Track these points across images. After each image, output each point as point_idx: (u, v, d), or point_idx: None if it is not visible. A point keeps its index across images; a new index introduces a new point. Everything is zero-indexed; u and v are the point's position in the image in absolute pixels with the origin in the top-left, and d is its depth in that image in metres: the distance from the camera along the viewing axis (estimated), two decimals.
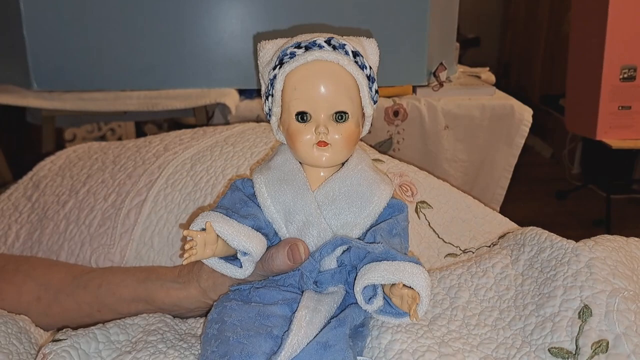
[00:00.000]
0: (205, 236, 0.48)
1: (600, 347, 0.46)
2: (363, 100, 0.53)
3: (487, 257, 0.64)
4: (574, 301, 0.51)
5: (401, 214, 0.54)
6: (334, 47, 0.51)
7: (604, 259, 0.54)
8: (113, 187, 0.81)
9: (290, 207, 0.53)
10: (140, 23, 1.18)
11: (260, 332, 0.46)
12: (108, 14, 1.17)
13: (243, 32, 1.21)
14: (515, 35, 3.98)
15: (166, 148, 0.85)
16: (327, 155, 0.52)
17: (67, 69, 1.19)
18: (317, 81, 0.51)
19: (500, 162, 1.28)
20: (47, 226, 0.80)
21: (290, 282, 0.52)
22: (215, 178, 0.77)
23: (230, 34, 1.21)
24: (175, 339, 0.56)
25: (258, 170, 0.56)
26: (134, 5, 1.17)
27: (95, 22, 1.18)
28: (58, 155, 0.94)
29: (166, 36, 1.20)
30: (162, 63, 1.21)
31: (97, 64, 1.20)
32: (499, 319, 0.55)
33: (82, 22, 1.17)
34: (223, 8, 1.20)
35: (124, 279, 0.65)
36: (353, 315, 0.50)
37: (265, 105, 0.55)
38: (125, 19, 1.17)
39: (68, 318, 0.66)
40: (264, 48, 0.56)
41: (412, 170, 0.81)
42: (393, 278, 0.47)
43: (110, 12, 1.17)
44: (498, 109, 1.25)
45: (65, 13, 1.16)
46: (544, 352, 0.48)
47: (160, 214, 0.76)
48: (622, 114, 2.08)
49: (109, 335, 0.55)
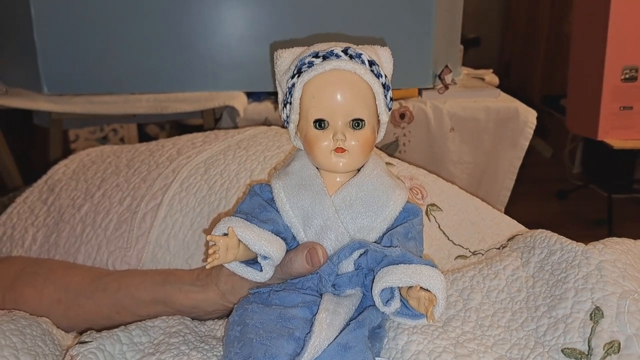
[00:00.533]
0: (228, 241, 0.50)
1: (612, 348, 0.48)
2: (379, 108, 0.54)
3: (497, 259, 0.65)
4: (585, 303, 0.52)
5: (416, 218, 0.56)
6: (351, 57, 0.53)
7: (614, 262, 0.56)
8: (128, 191, 0.82)
9: (309, 212, 0.54)
10: (149, 27, 1.19)
11: (282, 334, 0.48)
12: (117, 17, 1.19)
13: (251, 36, 1.22)
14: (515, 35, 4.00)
15: (179, 152, 0.87)
16: (345, 161, 0.53)
17: (77, 73, 1.21)
18: (335, 90, 0.52)
19: (504, 164, 1.29)
20: (64, 229, 0.81)
21: (309, 285, 0.54)
22: (229, 182, 0.78)
23: (238, 38, 1.23)
24: (197, 341, 0.57)
25: (276, 175, 0.57)
26: (142, 9, 1.18)
27: (104, 25, 1.19)
28: (71, 159, 0.95)
29: (175, 39, 1.21)
30: (170, 66, 1.23)
31: (106, 67, 1.21)
32: (511, 320, 0.56)
33: (92, 26, 1.19)
34: (231, 12, 1.22)
35: (142, 281, 0.66)
36: (371, 317, 0.51)
37: (283, 113, 0.57)
38: (134, 22, 1.19)
39: (87, 320, 0.67)
40: (281, 57, 0.57)
41: (421, 174, 0.83)
42: (410, 281, 0.48)
43: (119, 16, 1.19)
44: (503, 111, 1.26)
45: (75, 17, 1.18)
46: (557, 353, 0.50)
47: (176, 217, 0.77)
48: (623, 114, 2.10)
49: (132, 337, 0.57)
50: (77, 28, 1.18)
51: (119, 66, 1.22)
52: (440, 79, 1.28)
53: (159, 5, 1.18)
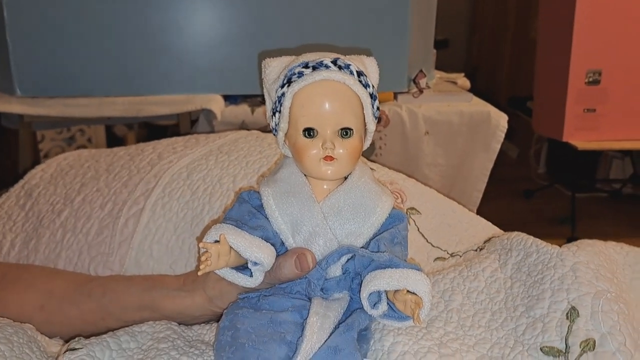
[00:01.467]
0: (219, 248, 0.51)
1: (588, 346, 0.51)
2: (366, 117, 0.56)
3: (476, 261, 0.68)
4: (561, 303, 0.55)
5: (401, 224, 0.57)
6: (340, 67, 0.54)
7: (587, 263, 0.59)
8: (109, 196, 0.82)
9: (297, 219, 0.55)
10: (124, 29, 1.18)
11: (274, 338, 0.49)
12: (92, 19, 1.18)
13: (228, 38, 1.22)
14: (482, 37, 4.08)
15: (160, 157, 0.87)
16: (333, 169, 0.55)
17: (50, 75, 1.19)
18: (324, 99, 0.53)
19: (477, 166, 1.33)
20: (44, 235, 0.81)
21: (298, 290, 0.55)
22: (212, 187, 0.79)
23: (214, 40, 1.23)
24: (186, 346, 0.58)
25: (265, 183, 0.58)
26: (118, 11, 1.18)
27: (79, 27, 1.18)
28: (48, 164, 0.94)
29: (151, 41, 1.21)
30: (146, 68, 1.22)
31: (81, 69, 1.20)
32: (491, 320, 0.59)
33: (66, 28, 1.17)
34: (207, 14, 1.22)
35: (128, 287, 0.66)
36: (359, 319, 0.53)
37: (272, 121, 0.58)
38: (110, 24, 1.18)
39: (72, 326, 0.67)
40: (269, 66, 0.59)
41: (401, 178, 0.85)
42: (398, 284, 0.50)
43: (94, 18, 1.18)
44: (475, 115, 1.30)
45: (49, 18, 1.16)
46: (536, 351, 0.52)
47: (159, 222, 0.77)
48: (587, 116, 2.17)
49: (120, 343, 0.57)
50: (51, 29, 1.17)
51: (94, 68, 1.21)
52: (415, 83, 1.30)
53: (135, 7, 1.18)
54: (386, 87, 1.27)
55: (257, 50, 1.11)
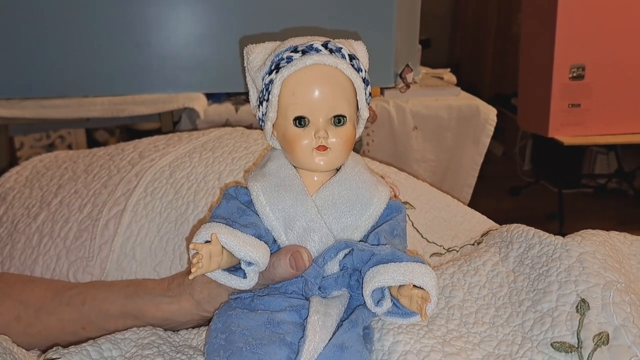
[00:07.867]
0: (211, 248, 0.47)
1: (602, 340, 0.48)
2: (360, 103, 0.53)
3: (476, 255, 0.65)
4: (570, 295, 0.52)
5: (400, 215, 0.54)
6: (331, 51, 0.51)
7: (594, 253, 0.56)
8: (88, 198, 0.78)
9: (290, 214, 0.52)
10: (103, 26, 1.14)
11: (273, 340, 0.45)
12: (68, 16, 1.13)
13: (210, 35, 1.19)
14: (464, 36, 4.08)
15: (141, 155, 0.83)
16: (327, 159, 0.52)
17: (25, 75, 1.14)
18: (316, 85, 0.50)
19: (467, 161, 1.31)
20: (19, 240, 0.76)
21: (294, 289, 0.52)
22: (196, 185, 0.75)
23: (196, 37, 1.19)
24: (172, 352, 0.54)
25: (252, 177, 0.54)
26: (96, 8, 1.13)
27: (54, 25, 1.13)
28: (23, 166, 0.90)
29: (131, 40, 1.16)
30: (126, 67, 1.18)
31: (57, 69, 1.15)
32: (495, 316, 0.56)
33: (41, 26, 1.13)
34: (189, 10, 1.18)
35: (109, 294, 0.62)
36: (363, 316, 0.50)
37: (259, 111, 0.54)
38: (87, 21, 1.14)
39: (51, 336, 0.63)
40: (252, 52, 0.55)
41: (393, 172, 0.82)
42: (403, 279, 0.47)
43: (70, 15, 1.13)
44: (464, 109, 1.28)
45: (22, 16, 1.12)
46: (546, 347, 0.49)
47: (141, 223, 0.73)
48: (572, 111, 2.16)
49: (102, 352, 0.53)
50: (25, 28, 1.12)
51: (71, 68, 1.16)
52: (402, 78, 1.28)
53: (113, 5, 1.13)
54: (372, 82, 1.24)
55: (241, 48, 1.08)
